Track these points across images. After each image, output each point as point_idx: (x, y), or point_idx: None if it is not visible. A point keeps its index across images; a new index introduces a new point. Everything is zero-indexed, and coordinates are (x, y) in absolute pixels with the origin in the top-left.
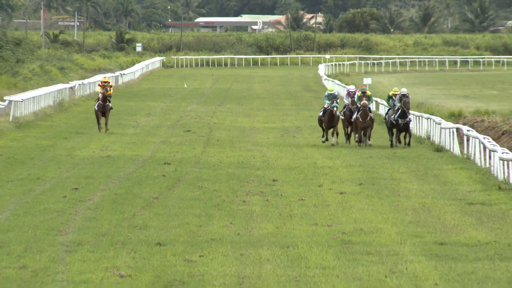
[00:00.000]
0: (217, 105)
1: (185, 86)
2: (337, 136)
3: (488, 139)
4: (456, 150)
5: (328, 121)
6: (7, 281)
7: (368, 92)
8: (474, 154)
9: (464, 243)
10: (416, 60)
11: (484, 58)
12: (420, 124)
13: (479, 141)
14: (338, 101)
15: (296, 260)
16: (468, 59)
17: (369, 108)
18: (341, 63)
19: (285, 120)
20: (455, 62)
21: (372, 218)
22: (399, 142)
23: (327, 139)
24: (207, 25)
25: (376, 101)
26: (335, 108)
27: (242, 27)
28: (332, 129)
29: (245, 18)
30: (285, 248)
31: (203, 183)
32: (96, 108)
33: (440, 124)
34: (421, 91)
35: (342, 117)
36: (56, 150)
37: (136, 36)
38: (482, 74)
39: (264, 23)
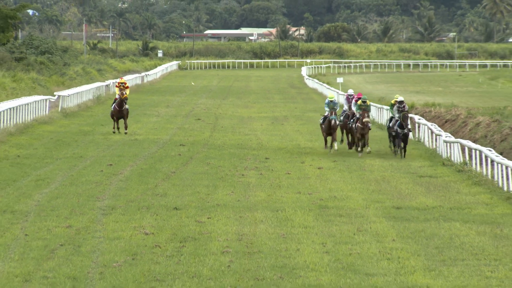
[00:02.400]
0: (221, 99)
1: (193, 83)
2: (335, 143)
3: (434, 125)
4: (410, 134)
5: (327, 128)
6: (57, 237)
7: (368, 102)
8: (424, 137)
9: (415, 207)
10: (378, 63)
11: (431, 62)
12: (381, 114)
13: (428, 127)
14: (337, 110)
15: (284, 221)
16: (419, 63)
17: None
18: (319, 66)
19: (275, 110)
20: (409, 65)
21: (343, 188)
22: (395, 151)
23: (331, 147)
24: (213, 36)
25: (375, 106)
26: (333, 121)
27: (241, 38)
28: (330, 136)
29: (243, 30)
30: (275, 211)
31: (210, 160)
32: (112, 111)
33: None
34: (382, 87)
35: (341, 123)
36: (95, 135)
37: (158, 44)
38: (430, 75)
39: (258, 34)
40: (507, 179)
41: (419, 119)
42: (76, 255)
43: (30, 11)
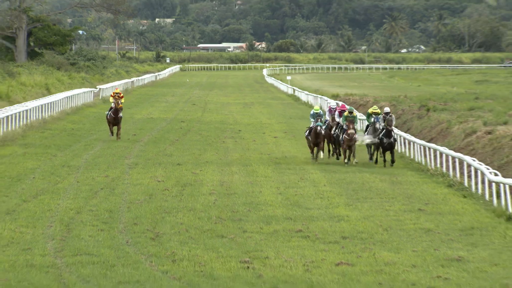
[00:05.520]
0: (209, 91)
1: (187, 81)
2: (322, 152)
3: (352, 108)
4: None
5: (314, 138)
6: (98, 183)
7: (354, 113)
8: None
9: (340, 163)
10: (314, 67)
11: (350, 66)
12: (316, 100)
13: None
14: (322, 119)
15: (251, 173)
16: (342, 66)
17: (355, 130)
18: (275, 68)
19: (245, 98)
20: (335, 68)
21: (291, 150)
22: (384, 160)
23: (315, 158)
24: (204, 48)
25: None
26: (319, 127)
27: (222, 49)
28: (317, 147)
29: (224, 44)
30: (245, 166)
31: (202, 132)
32: (108, 118)
33: (327, 100)
34: (317, 83)
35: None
36: (124, 114)
37: (166, 54)
38: (349, 74)
39: (234, 47)
40: (400, 144)
41: (342, 103)
42: (111, 195)
43: (80, 31)
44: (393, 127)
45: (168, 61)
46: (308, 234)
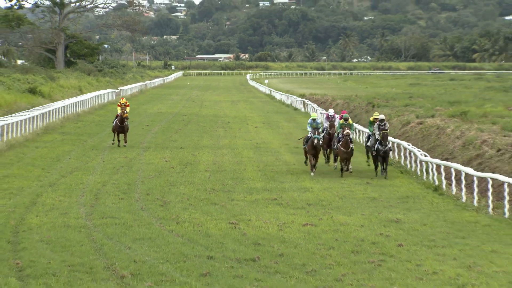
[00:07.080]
0: (204, 91)
1: (188, 83)
2: (316, 161)
3: (315, 105)
4: (303, 109)
5: (311, 149)
6: (119, 163)
7: (350, 121)
8: (310, 111)
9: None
10: (286, 73)
11: (314, 72)
12: (288, 99)
13: (311, 106)
14: (320, 131)
15: (237, 154)
16: (307, 72)
17: (350, 138)
18: (256, 74)
19: (232, 97)
20: (302, 74)
21: (268, 137)
22: (382, 169)
23: (313, 168)
24: (201, 58)
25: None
26: (316, 140)
27: (215, 59)
28: (314, 157)
29: (216, 55)
30: (233, 149)
31: (199, 123)
32: (114, 127)
33: (296, 98)
34: (288, 85)
35: (321, 140)
36: (138, 110)
37: (172, 63)
38: (313, 78)
39: (224, 57)
40: (354, 133)
41: (307, 100)
42: (130, 172)
43: (106, 45)
44: (388, 136)
45: (173, 68)
46: (281, 202)
